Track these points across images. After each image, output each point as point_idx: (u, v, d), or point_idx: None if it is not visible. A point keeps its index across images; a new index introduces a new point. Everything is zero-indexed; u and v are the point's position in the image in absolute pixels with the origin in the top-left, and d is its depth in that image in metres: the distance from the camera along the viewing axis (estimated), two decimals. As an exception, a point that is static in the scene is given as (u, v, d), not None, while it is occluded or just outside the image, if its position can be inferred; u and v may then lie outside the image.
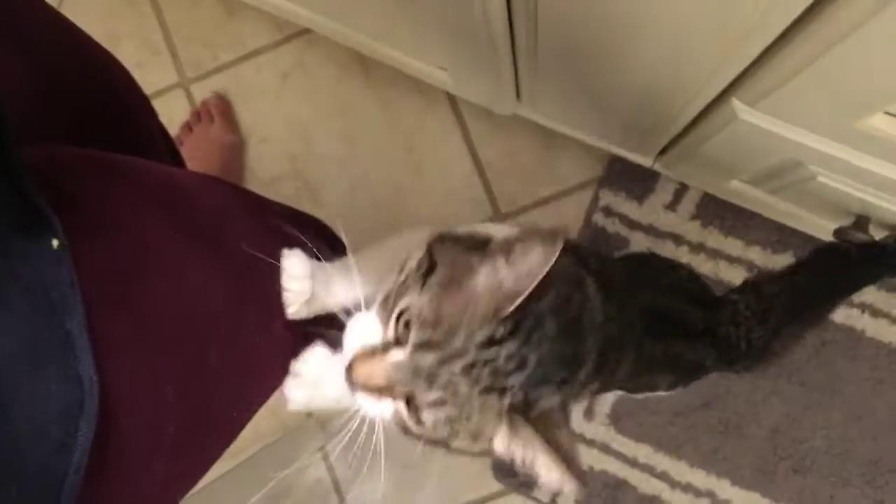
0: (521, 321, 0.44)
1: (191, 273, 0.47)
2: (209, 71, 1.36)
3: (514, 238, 0.45)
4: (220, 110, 1.30)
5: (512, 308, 0.43)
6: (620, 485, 1.23)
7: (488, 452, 0.48)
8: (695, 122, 0.83)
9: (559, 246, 0.41)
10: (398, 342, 0.45)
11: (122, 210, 0.45)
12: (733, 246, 1.22)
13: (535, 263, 0.42)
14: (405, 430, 0.48)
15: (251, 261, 0.54)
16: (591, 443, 1.23)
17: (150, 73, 1.37)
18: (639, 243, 1.23)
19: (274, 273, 0.61)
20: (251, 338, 0.53)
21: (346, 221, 1.10)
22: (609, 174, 1.24)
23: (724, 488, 1.21)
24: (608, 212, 1.24)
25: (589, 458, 1.23)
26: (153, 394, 0.41)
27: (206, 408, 0.46)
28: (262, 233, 0.61)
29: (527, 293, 0.42)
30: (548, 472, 0.44)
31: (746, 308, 0.83)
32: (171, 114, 1.36)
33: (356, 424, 0.48)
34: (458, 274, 0.45)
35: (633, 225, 1.24)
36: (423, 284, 0.46)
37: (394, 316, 0.45)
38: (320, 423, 1.29)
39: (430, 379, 0.44)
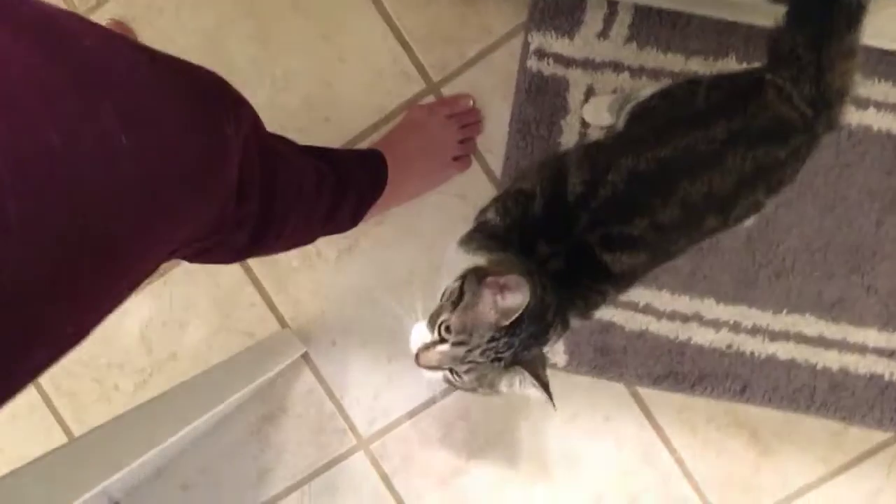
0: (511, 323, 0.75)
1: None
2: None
3: (502, 282, 0.74)
4: (121, 36, 1.23)
5: (506, 323, 0.75)
6: (607, 328, 1.21)
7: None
8: None
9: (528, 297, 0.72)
10: (442, 340, 0.78)
11: None
12: (674, 62, 1.17)
13: (514, 305, 0.73)
14: (451, 385, 0.80)
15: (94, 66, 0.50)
16: (570, 293, 1.21)
17: (42, 17, 1.29)
18: (578, 81, 1.18)
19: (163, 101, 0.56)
20: (112, 144, 0.48)
21: (279, 124, 1.04)
22: (534, 14, 1.18)
23: (710, 308, 1.19)
24: (541, 54, 1.18)
25: (571, 308, 1.21)
26: None
27: (53, 195, 0.43)
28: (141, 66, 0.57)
29: (511, 320, 0.74)
30: (535, 391, 0.78)
31: (780, 78, 0.81)
32: (74, 53, 1.29)
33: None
34: (473, 300, 0.76)
35: (568, 63, 1.18)
36: (455, 307, 0.77)
37: (436, 326, 0.78)
38: (299, 332, 1.27)
39: (463, 358, 0.77)
